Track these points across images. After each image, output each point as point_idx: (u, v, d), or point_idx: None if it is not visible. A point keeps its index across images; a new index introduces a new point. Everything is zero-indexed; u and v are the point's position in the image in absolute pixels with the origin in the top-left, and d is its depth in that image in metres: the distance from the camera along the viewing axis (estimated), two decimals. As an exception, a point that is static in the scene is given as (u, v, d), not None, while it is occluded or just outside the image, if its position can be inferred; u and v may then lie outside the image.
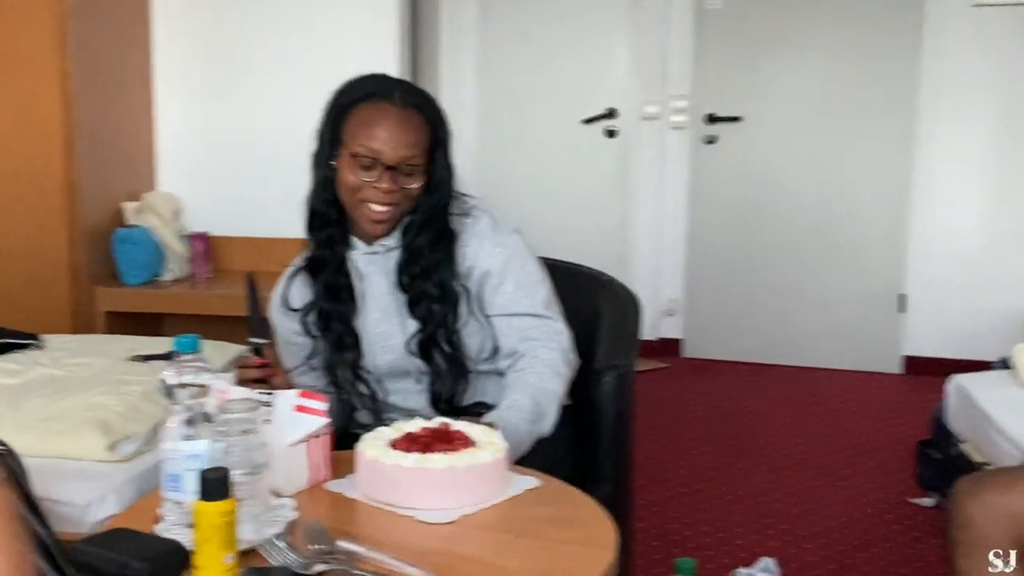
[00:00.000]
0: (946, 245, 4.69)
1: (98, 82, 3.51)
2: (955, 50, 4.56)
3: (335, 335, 1.89)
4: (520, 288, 1.87)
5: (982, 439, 2.82)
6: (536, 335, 1.85)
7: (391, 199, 1.79)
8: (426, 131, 1.81)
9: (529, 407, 1.75)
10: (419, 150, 1.79)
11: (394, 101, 1.80)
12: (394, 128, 1.77)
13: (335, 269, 1.89)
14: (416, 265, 1.85)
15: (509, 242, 1.89)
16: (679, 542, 2.96)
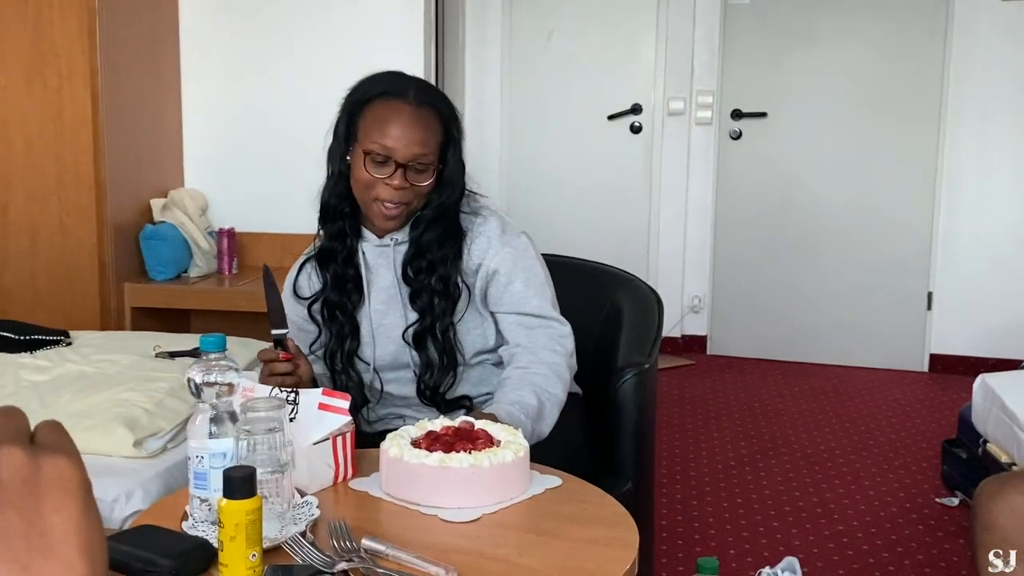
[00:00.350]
0: (974, 243, 4.65)
1: (126, 80, 3.54)
2: (983, 45, 4.52)
3: (338, 325, 1.92)
4: (529, 287, 1.89)
5: (1008, 439, 2.80)
6: (541, 335, 1.87)
7: (402, 196, 1.82)
8: (439, 129, 1.85)
9: (534, 406, 1.76)
10: (431, 148, 1.82)
11: (408, 99, 1.83)
12: (407, 127, 1.81)
13: (344, 261, 1.92)
14: (422, 259, 1.88)
15: (517, 243, 1.92)
16: (701, 540, 2.96)
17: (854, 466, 3.54)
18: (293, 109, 3.87)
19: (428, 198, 1.87)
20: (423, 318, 1.88)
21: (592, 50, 4.95)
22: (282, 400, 1.47)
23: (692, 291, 5.05)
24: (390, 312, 1.92)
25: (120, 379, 2.41)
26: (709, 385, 4.54)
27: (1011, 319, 4.58)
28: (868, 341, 4.80)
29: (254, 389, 1.54)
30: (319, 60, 3.83)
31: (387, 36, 3.79)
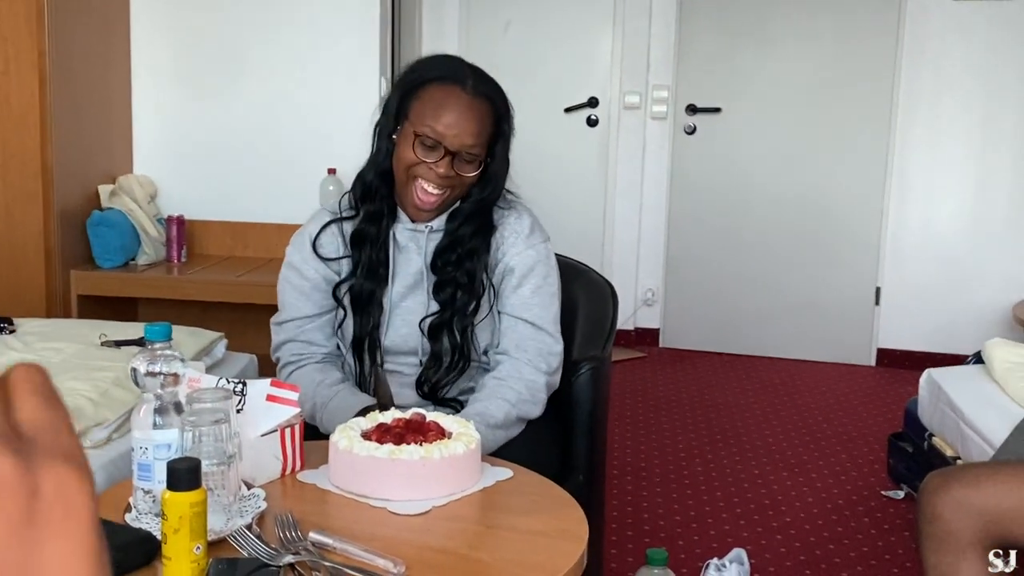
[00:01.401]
0: (922, 239, 4.72)
1: (75, 64, 3.48)
2: (935, 44, 4.58)
3: (365, 310, 1.88)
4: (536, 296, 1.89)
5: (953, 433, 2.84)
6: (531, 347, 1.87)
7: (445, 183, 1.81)
8: (491, 122, 1.83)
9: (499, 420, 1.78)
10: (481, 140, 1.81)
11: (466, 88, 1.81)
12: (462, 115, 1.79)
13: (378, 245, 1.88)
14: (452, 252, 1.86)
15: (540, 248, 1.91)
16: (651, 532, 2.98)
17: (801, 458, 3.58)
18: (244, 97, 3.83)
19: (469, 191, 1.86)
20: (443, 310, 1.86)
21: (549, 43, 4.95)
22: (229, 391, 1.45)
23: (645, 284, 5.07)
24: (410, 296, 1.90)
25: (64, 368, 2.37)
26: (661, 378, 4.57)
27: (957, 315, 4.65)
28: (817, 335, 4.85)
29: (200, 379, 1.51)
30: (272, 49, 3.79)
31: (342, 25, 3.76)
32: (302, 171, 3.76)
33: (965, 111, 4.61)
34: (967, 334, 4.50)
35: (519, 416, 1.83)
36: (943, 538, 1.78)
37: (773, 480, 3.38)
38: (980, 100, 4.59)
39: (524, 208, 1.94)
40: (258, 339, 3.59)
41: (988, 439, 2.56)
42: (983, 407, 2.73)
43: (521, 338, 1.87)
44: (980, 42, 4.54)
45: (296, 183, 3.78)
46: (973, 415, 2.72)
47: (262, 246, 3.83)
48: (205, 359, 2.58)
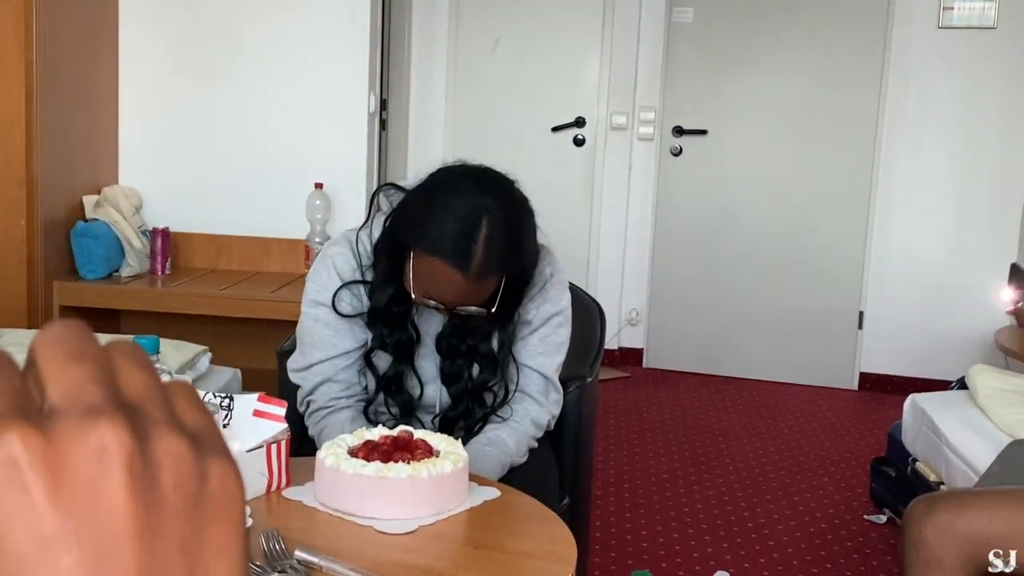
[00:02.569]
0: (905, 264, 4.74)
1: (62, 74, 3.46)
2: (919, 71, 4.62)
3: (406, 397, 1.85)
4: (543, 344, 1.88)
5: (937, 458, 2.85)
6: (534, 393, 1.88)
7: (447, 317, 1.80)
8: (500, 280, 1.75)
9: (512, 449, 1.81)
10: (482, 298, 1.75)
11: (467, 273, 1.66)
12: (459, 294, 1.71)
13: (403, 330, 1.82)
14: (462, 343, 1.83)
15: (559, 301, 1.89)
16: (634, 553, 2.97)
17: (784, 481, 3.58)
18: (232, 110, 3.82)
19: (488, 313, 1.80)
20: (459, 401, 1.86)
21: (538, 63, 4.96)
22: (215, 405, 1.43)
23: (630, 304, 5.07)
24: (430, 356, 1.87)
25: (47, 380, 2.34)
26: (644, 398, 4.57)
27: (940, 340, 4.67)
28: (800, 358, 4.86)
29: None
30: (261, 66, 3.79)
31: (331, 41, 3.76)
32: (289, 185, 3.75)
33: (948, 137, 4.65)
34: (949, 359, 4.52)
35: (527, 448, 1.86)
36: (928, 564, 1.78)
37: (756, 503, 3.38)
38: (963, 126, 4.62)
39: (548, 256, 1.90)
40: (242, 353, 3.59)
41: (972, 465, 2.56)
42: (967, 433, 2.74)
43: (526, 383, 1.87)
44: (963, 69, 4.58)
45: (282, 197, 3.77)
46: (957, 441, 2.73)
47: (247, 259, 3.82)
48: (189, 372, 2.56)
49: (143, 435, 0.30)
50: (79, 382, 0.31)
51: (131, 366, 0.32)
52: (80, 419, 0.29)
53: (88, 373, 0.31)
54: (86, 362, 0.31)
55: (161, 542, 0.30)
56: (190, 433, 0.32)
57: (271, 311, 3.37)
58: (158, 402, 0.32)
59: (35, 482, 0.28)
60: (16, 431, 0.29)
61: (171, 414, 0.32)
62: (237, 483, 0.33)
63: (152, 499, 0.30)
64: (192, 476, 0.31)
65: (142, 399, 0.32)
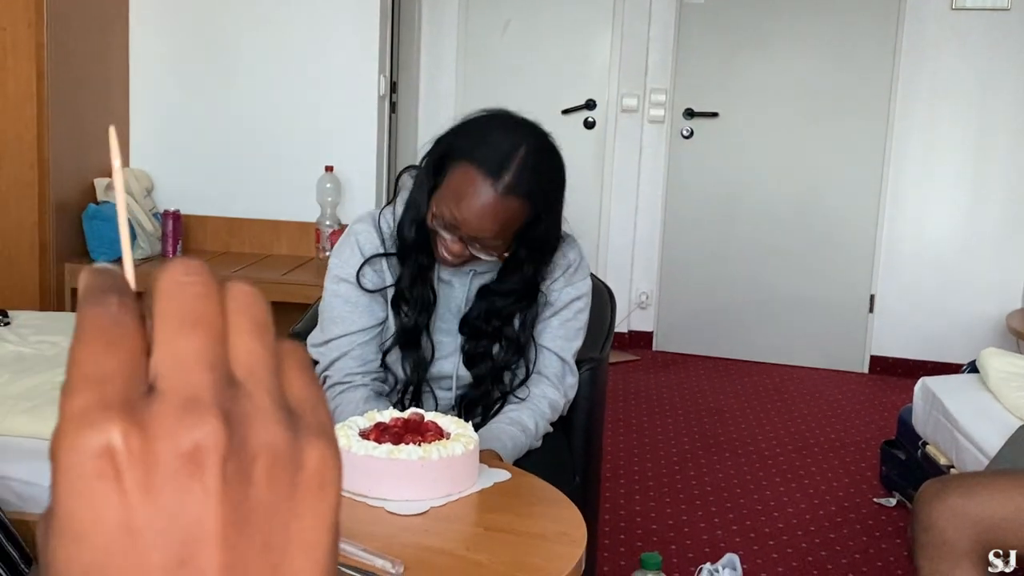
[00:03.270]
0: (917, 247, 4.73)
1: (73, 56, 3.46)
2: (932, 52, 4.59)
3: (420, 354, 1.85)
4: (563, 328, 1.90)
5: (947, 442, 2.84)
6: (551, 376, 1.89)
7: (459, 260, 1.76)
8: (523, 216, 1.73)
9: (532, 431, 1.83)
10: (504, 236, 1.73)
11: (496, 184, 1.68)
12: (481, 211, 1.69)
13: (425, 286, 1.83)
14: (488, 325, 1.84)
15: (581, 285, 1.91)
16: (644, 536, 2.98)
17: (794, 464, 3.58)
18: (243, 92, 3.82)
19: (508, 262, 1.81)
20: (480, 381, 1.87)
21: (548, 45, 4.95)
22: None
23: (640, 287, 5.07)
24: (446, 330, 1.87)
25: (59, 361, 2.36)
26: (654, 381, 4.57)
27: (951, 323, 4.66)
28: (810, 341, 4.86)
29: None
30: (270, 45, 3.79)
31: (341, 23, 3.75)
32: (299, 168, 3.75)
33: (961, 119, 4.62)
34: (960, 343, 4.51)
35: (544, 431, 1.87)
36: (938, 547, 1.78)
37: (766, 485, 3.38)
38: (976, 108, 4.60)
39: (573, 242, 1.91)
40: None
41: (983, 448, 2.56)
42: (978, 416, 2.73)
43: (544, 365, 1.89)
44: (977, 51, 4.55)
45: (293, 180, 3.77)
46: (968, 424, 2.72)
47: (258, 242, 3.83)
48: (200, 355, 2.57)
49: (241, 428, 0.30)
50: (186, 361, 0.30)
51: (245, 331, 0.32)
52: (179, 413, 0.29)
53: (197, 348, 0.30)
54: (198, 333, 0.30)
55: (247, 541, 0.30)
56: (292, 410, 0.31)
57: (282, 294, 3.38)
58: (265, 378, 0.31)
59: (130, 475, 0.28)
60: (118, 425, 0.28)
61: (276, 393, 0.31)
62: (335, 468, 0.32)
63: (242, 498, 0.29)
64: (287, 467, 0.30)
65: (249, 374, 0.31)
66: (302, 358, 0.33)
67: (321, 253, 3.65)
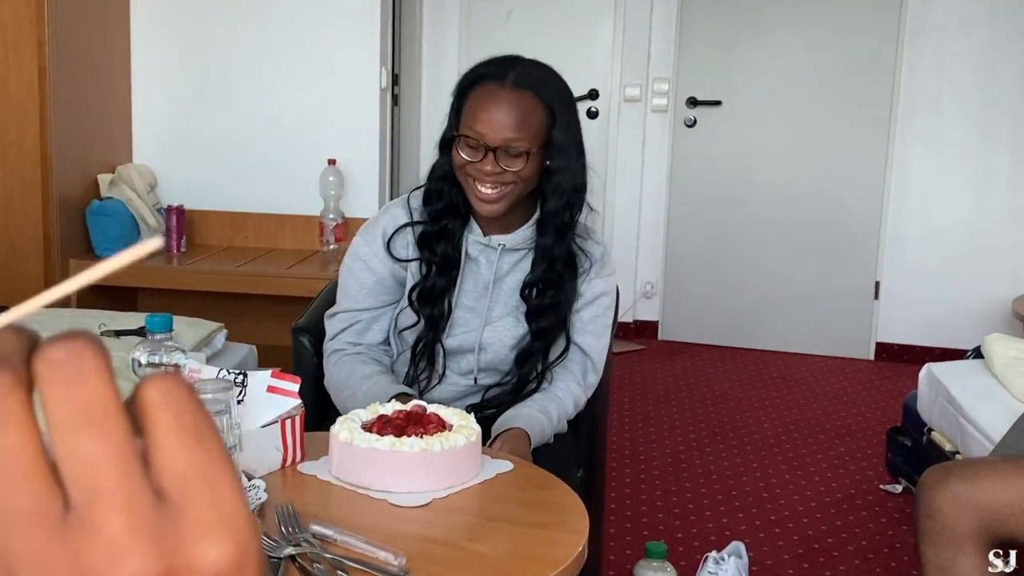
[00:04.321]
0: (921, 234, 4.72)
1: (75, 52, 3.47)
2: (935, 37, 4.57)
3: (434, 313, 1.87)
4: (592, 323, 1.92)
5: (953, 428, 2.84)
6: (576, 370, 1.91)
7: (495, 179, 1.78)
8: (539, 114, 1.79)
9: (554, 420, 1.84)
10: (526, 133, 1.77)
11: (504, 83, 1.78)
12: (499, 110, 1.76)
13: (454, 245, 1.87)
14: (549, 288, 1.86)
15: (608, 281, 1.94)
16: (650, 524, 2.98)
17: (800, 452, 3.58)
18: (245, 86, 3.82)
19: (536, 196, 1.84)
20: (538, 338, 1.88)
21: (550, 34, 4.93)
22: (229, 382, 1.45)
23: (645, 277, 5.07)
24: (474, 307, 1.89)
25: (64, 358, 2.36)
26: (660, 370, 4.57)
27: (957, 309, 4.65)
28: (816, 329, 4.85)
29: (200, 370, 1.51)
30: (273, 38, 3.78)
31: (342, 16, 3.75)
32: (302, 161, 3.76)
33: (965, 104, 4.60)
34: (966, 328, 4.50)
35: (560, 429, 1.88)
36: (941, 532, 1.78)
37: (772, 474, 3.38)
38: (980, 93, 4.58)
39: (599, 240, 1.97)
40: (257, 329, 3.60)
41: (987, 434, 2.56)
42: (982, 402, 2.73)
43: (569, 360, 1.91)
44: (980, 36, 4.53)
45: (296, 173, 3.77)
46: (972, 410, 2.72)
47: (262, 236, 3.83)
48: (205, 349, 2.58)
49: (174, 560, 0.26)
50: (91, 468, 0.26)
51: (172, 432, 0.27)
52: (104, 549, 0.26)
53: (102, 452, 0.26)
54: (97, 433, 0.27)
55: None
56: (163, 504, 0.26)
57: (286, 287, 3.38)
58: (196, 492, 0.27)
59: None
60: None
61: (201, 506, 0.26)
62: None
63: None
64: None
65: (178, 487, 0.27)
66: (180, 409, 0.28)
67: (325, 246, 3.65)
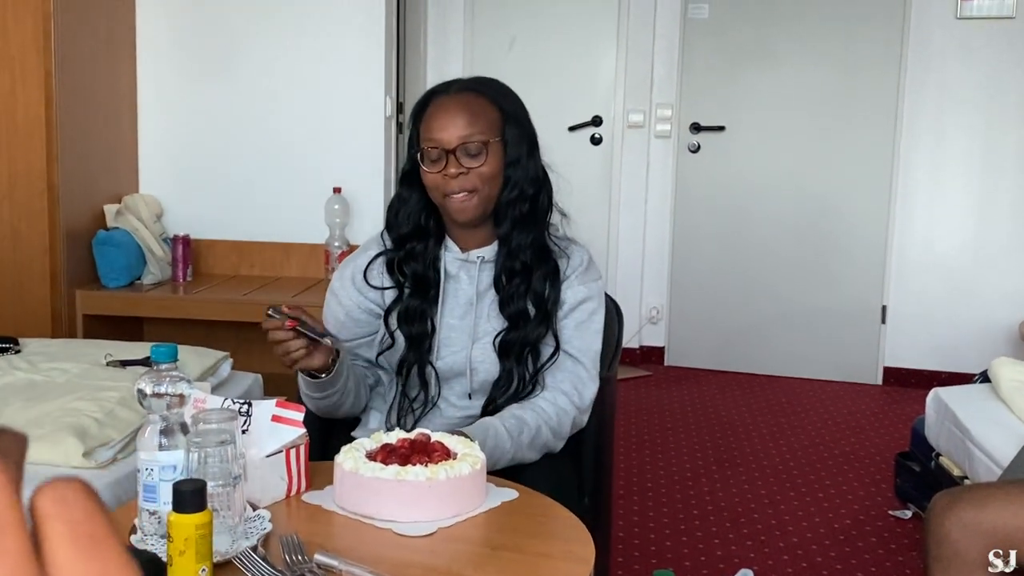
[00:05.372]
0: (928, 257, 4.71)
1: (81, 83, 3.49)
2: (938, 62, 4.59)
3: (417, 332, 1.86)
4: (579, 329, 1.89)
5: (960, 453, 2.83)
6: (567, 380, 1.87)
7: (462, 183, 1.80)
8: (488, 111, 1.84)
9: (527, 437, 1.78)
10: (478, 128, 1.81)
11: (449, 91, 1.85)
12: (448, 113, 1.81)
13: (425, 264, 1.88)
14: (515, 275, 1.85)
15: (593, 286, 1.92)
16: (657, 552, 2.96)
17: (808, 478, 3.56)
18: (250, 116, 3.84)
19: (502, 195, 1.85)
20: (515, 326, 1.85)
21: (553, 62, 4.96)
22: (234, 412, 1.45)
23: (650, 302, 5.07)
24: (459, 325, 1.88)
25: (70, 388, 2.37)
26: (666, 396, 4.56)
27: (964, 333, 4.64)
28: (823, 353, 4.84)
29: (205, 400, 1.51)
30: (277, 70, 3.81)
31: (347, 45, 3.77)
32: (307, 190, 3.77)
33: (968, 129, 4.61)
34: (974, 352, 4.49)
35: (543, 443, 1.82)
36: (950, 559, 1.77)
37: (780, 500, 3.36)
38: (983, 118, 4.59)
39: (582, 247, 1.97)
40: (263, 358, 3.59)
41: (995, 458, 2.54)
42: (990, 426, 2.72)
43: (559, 368, 1.88)
44: (983, 61, 4.55)
45: (301, 202, 3.79)
46: (980, 434, 2.70)
47: (268, 265, 3.84)
48: (210, 378, 2.58)
49: None
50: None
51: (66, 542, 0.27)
52: None
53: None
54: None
55: None
56: None
57: (291, 315, 3.38)
58: None
59: None
60: None
61: None
62: None
63: None
64: None
65: None
66: (72, 518, 0.28)
67: (330, 274, 3.66)
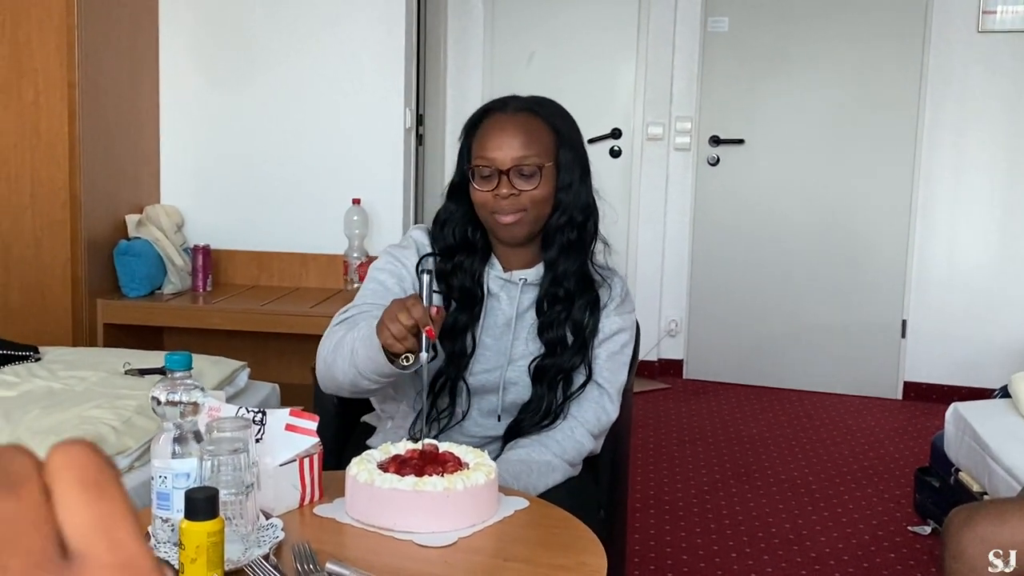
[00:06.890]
0: (948, 271, 4.68)
1: (104, 94, 3.52)
2: (959, 76, 4.57)
3: (458, 348, 1.85)
4: (610, 360, 1.90)
5: (979, 468, 2.80)
6: (590, 409, 1.87)
7: (513, 204, 1.79)
8: (544, 133, 1.82)
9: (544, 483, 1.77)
10: (534, 151, 1.80)
11: (505, 110, 1.84)
12: (504, 133, 1.80)
13: (473, 279, 1.86)
14: (557, 303, 1.84)
15: (627, 319, 1.93)
16: (674, 567, 2.95)
17: (827, 493, 3.54)
18: (271, 128, 3.86)
19: (548, 222, 1.84)
20: (552, 352, 1.85)
21: (573, 75, 4.97)
22: (248, 420, 1.45)
23: (669, 315, 5.05)
24: (496, 344, 1.88)
25: (88, 396, 2.39)
26: (684, 409, 4.54)
27: (984, 347, 4.60)
28: (843, 368, 4.81)
29: (220, 408, 1.52)
30: (298, 82, 3.83)
31: (367, 57, 3.79)
32: (327, 201, 3.79)
33: (989, 142, 4.58)
34: (994, 367, 4.45)
35: (558, 478, 1.81)
36: (967, 574, 1.75)
37: (798, 514, 3.34)
38: (1004, 131, 4.56)
39: (621, 278, 1.97)
40: (281, 368, 3.62)
41: (1015, 474, 2.52)
42: (1009, 441, 2.69)
43: (584, 398, 1.87)
44: (1004, 74, 4.52)
45: (321, 213, 3.80)
46: (999, 449, 2.68)
47: (287, 275, 3.86)
48: (227, 388, 2.59)
49: None
50: None
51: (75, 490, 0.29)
52: None
53: None
54: None
55: None
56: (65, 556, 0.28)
57: (309, 326, 3.40)
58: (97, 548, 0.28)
59: None
60: None
61: None
62: None
63: None
64: None
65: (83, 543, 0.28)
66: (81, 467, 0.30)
67: (349, 285, 3.67)
